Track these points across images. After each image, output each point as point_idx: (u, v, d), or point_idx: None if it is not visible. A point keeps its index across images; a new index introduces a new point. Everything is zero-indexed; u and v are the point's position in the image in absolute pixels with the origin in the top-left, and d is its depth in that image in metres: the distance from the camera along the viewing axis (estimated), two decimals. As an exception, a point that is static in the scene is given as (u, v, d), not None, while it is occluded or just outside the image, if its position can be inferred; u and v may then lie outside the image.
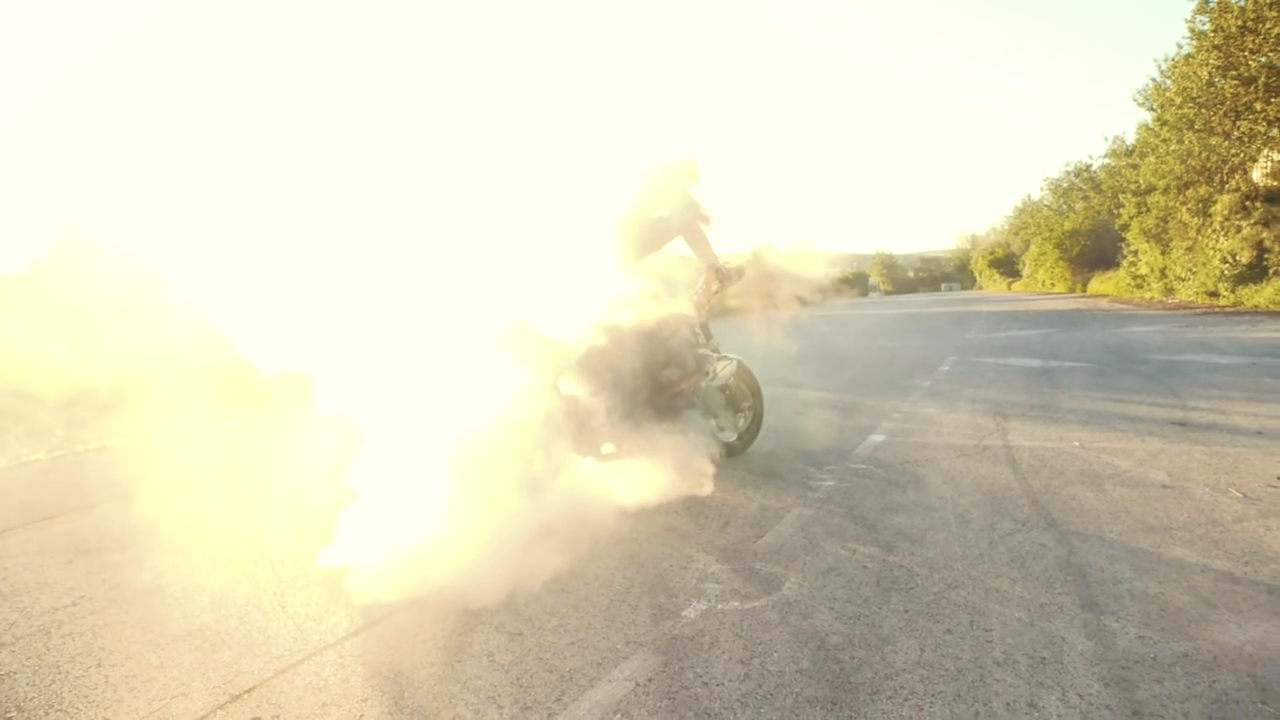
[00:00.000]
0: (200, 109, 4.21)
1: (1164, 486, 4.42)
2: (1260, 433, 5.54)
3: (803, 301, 6.26)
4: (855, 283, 74.43)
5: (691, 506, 4.67)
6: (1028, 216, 54.59)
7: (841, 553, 3.78)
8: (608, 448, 4.94)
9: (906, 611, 3.10)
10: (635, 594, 3.48)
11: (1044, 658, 2.67)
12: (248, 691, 2.79)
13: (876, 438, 6.20)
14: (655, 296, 5.28)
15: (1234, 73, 20.50)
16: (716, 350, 5.55)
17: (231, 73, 4.28)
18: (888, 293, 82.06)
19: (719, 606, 3.28)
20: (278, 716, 2.62)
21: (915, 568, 3.52)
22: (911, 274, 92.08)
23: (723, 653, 2.88)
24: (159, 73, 4.17)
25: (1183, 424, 6.00)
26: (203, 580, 3.99)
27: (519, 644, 3.06)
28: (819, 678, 2.67)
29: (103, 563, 4.35)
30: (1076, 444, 5.56)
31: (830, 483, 4.99)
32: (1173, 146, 24.45)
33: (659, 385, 5.22)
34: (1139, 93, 28.33)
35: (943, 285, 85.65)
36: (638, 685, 2.69)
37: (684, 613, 3.25)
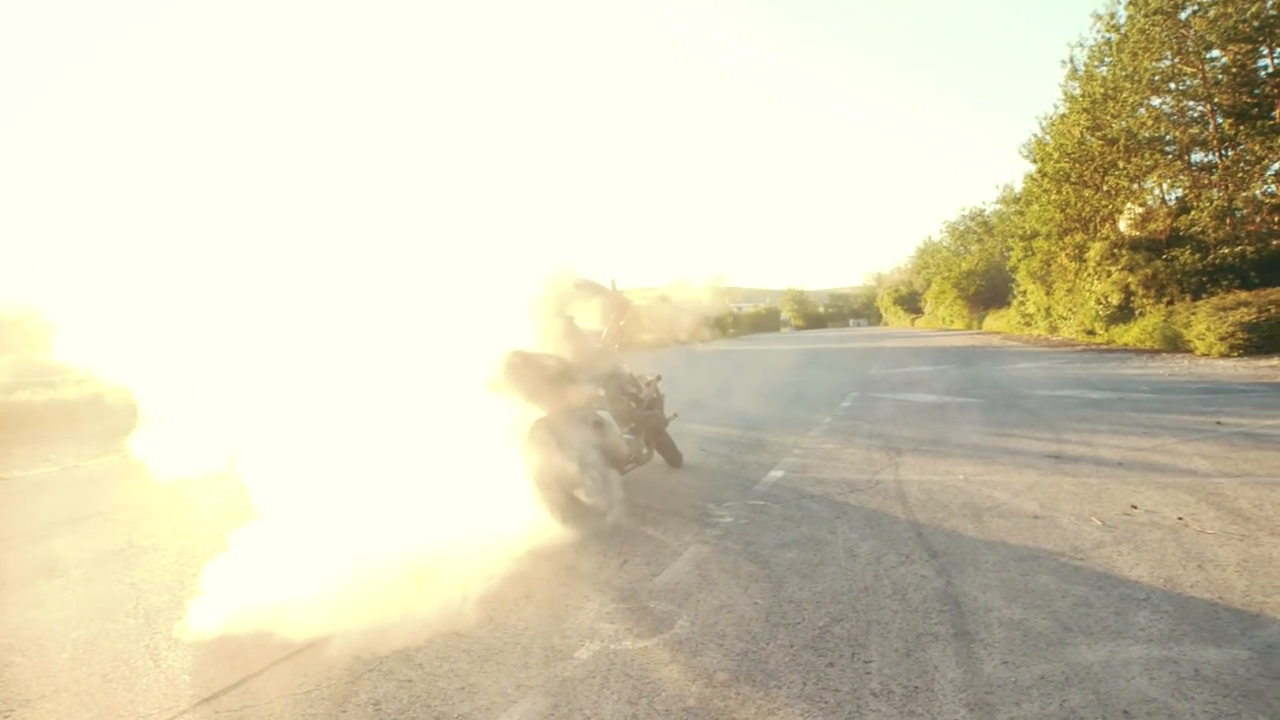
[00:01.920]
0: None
1: (1035, 517, 4.71)
2: (1121, 464, 6.00)
3: (706, 338, 6.57)
4: (768, 318, 76.64)
5: (592, 543, 4.67)
6: (929, 257, 57.95)
7: (734, 589, 3.84)
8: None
9: (792, 646, 3.17)
10: (529, 636, 3.44)
11: (917, 686, 2.78)
12: None
13: (776, 473, 6.37)
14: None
15: (1100, 133, 22.59)
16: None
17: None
18: (799, 328, 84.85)
19: (611, 647, 3.29)
20: (126, 789, 2.45)
21: (804, 602, 3.61)
22: (822, 310, 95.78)
23: (612, 694, 2.88)
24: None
25: (1056, 457, 6.43)
26: (65, 635, 3.72)
27: (407, 691, 2.99)
28: (704, 715, 2.69)
29: None
30: (962, 478, 5.87)
31: (728, 519, 5.08)
32: (1053, 196, 26.59)
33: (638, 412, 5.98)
34: (1023, 146, 30.75)
35: (851, 321, 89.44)
36: (523, 731, 2.65)
37: (576, 654, 3.24)
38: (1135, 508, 4.77)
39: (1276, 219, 20.44)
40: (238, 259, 4.42)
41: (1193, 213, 21.24)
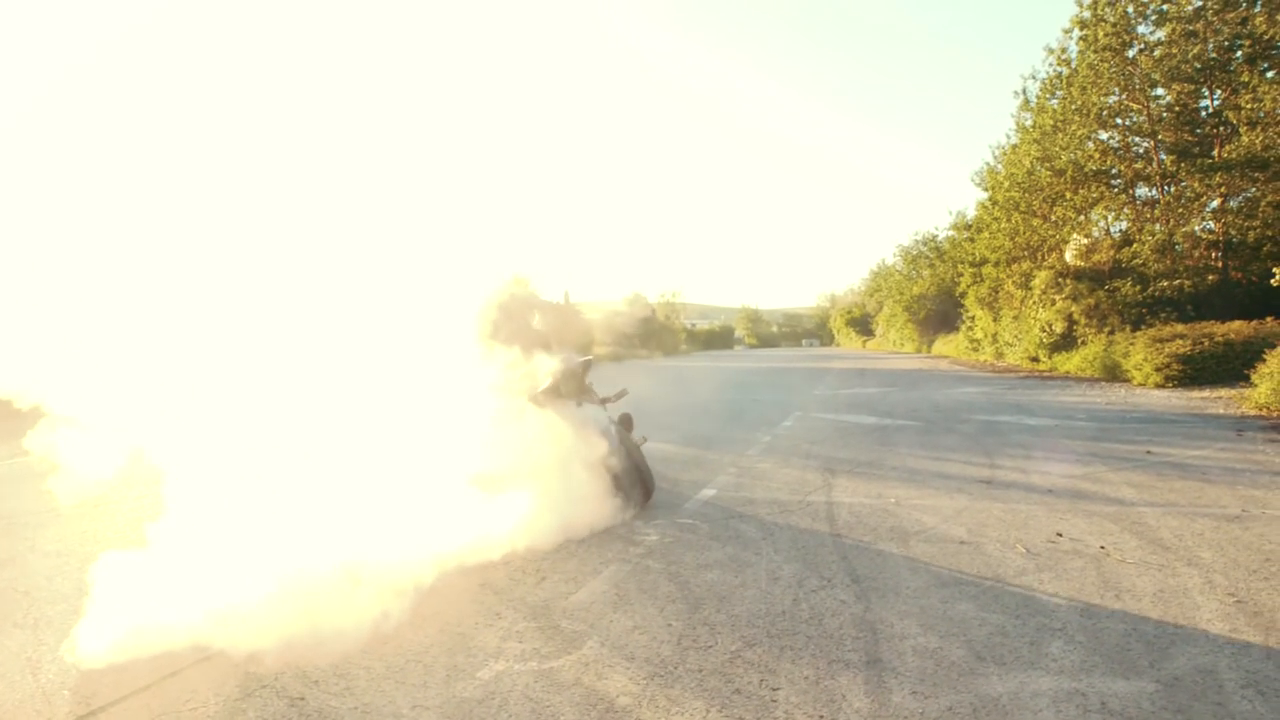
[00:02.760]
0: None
1: (962, 543, 4.66)
2: (1051, 491, 6.02)
3: (646, 355, 6.53)
4: (722, 335, 77.15)
5: (512, 560, 4.48)
6: (881, 279, 59.09)
7: (650, 610, 3.69)
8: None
9: (701, 671, 3.03)
10: (433, 654, 3.26)
11: (822, 716, 2.65)
12: None
13: (708, 492, 6.25)
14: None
15: (1049, 164, 23.28)
16: None
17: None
18: (752, 346, 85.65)
19: (516, 666, 3.12)
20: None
21: (719, 625, 3.47)
22: (775, 329, 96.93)
23: (509, 716, 2.72)
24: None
25: (988, 482, 6.44)
26: None
27: (297, 710, 2.81)
28: (594, 750, 2.52)
29: None
30: (893, 501, 5.82)
31: (654, 537, 4.92)
32: (1002, 224, 27.30)
33: None
34: (976, 174, 31.59)
35: (804, 341, 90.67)
36: (409, 760, 2.48)
37: (479, 674, 3.07)
38: (1060, 535, 4.75)
39: (1213, 254, 21.29)
40: (173, 255, 4.21)
41: (1135, 245, 21.98)
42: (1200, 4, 19.33)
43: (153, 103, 4.28)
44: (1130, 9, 20.54)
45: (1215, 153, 20.49)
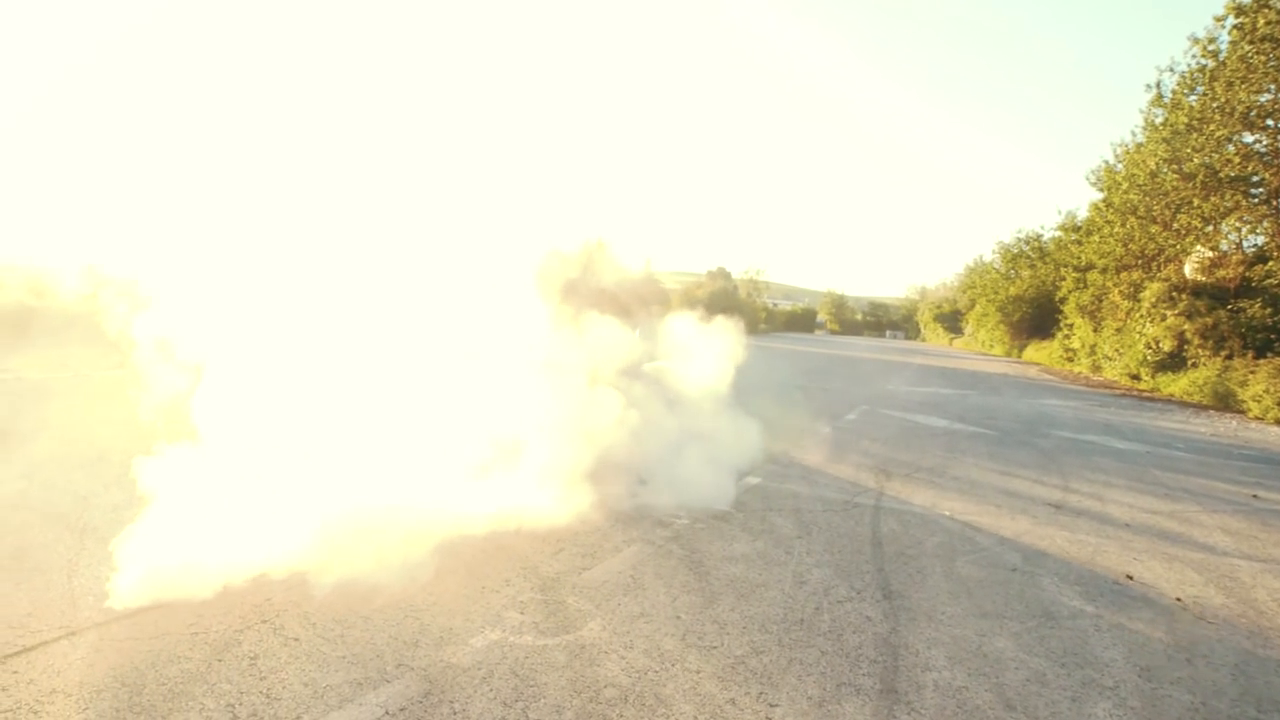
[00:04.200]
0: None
1: (1014, 570, 4.27)
2: (1128, 525, 5.49)
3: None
4: (803, 318, 75.40)
5: (538, 527, 4.37)
6: (976, 276, 56.11)
7: (661, 598, 3.51)
8: None
9: (699, 673, 2.84)
10: (432, 613, 3.20)
11: (819, 749, 2.42)
12: None
13: (752, 480, 5.98)
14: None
15: (1177, 167, 21.29)
16: None
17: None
18: (833, 332, 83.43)
19: (511, 639, 3.02)
20: (-8, 703, 2.36)
21: (729, 625, 3.26)
22: (859, 317, 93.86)
23: (490, 690, 2.63)
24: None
25: (1058, 506, 5.93)
26: (6, 536, 3.70)
27: (288, 650, 2.80)
28: (568, 742, 2.38)
29: None
30: (947, 513, 5.42)
31: (683, 521, 4.73)
32: (1116, 229, 25.30)
33: None
34: (1092, 172, 29.33)
35: (887, 332, 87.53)
36: (386, 714, 2.44)
37: (472, 640, 2.99)
38: (1130, 578, 4.29)
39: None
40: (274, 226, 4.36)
41: (1270, 263, 19.89)
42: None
43: (240, 85, 4.33)
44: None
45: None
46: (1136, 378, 22.96)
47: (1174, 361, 21.07)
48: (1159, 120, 22.96)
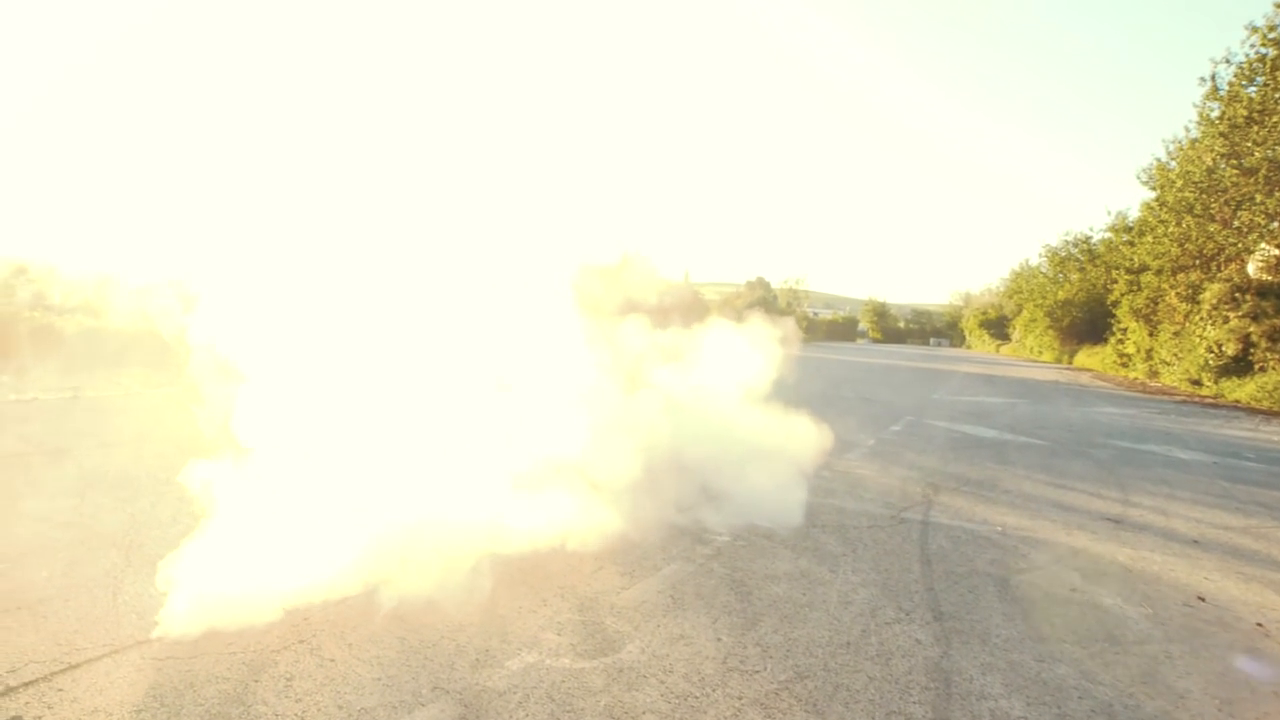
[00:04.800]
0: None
1: (1074, 590, 4.06)
2: (1196, 542, 5.20)
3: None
4: (845, 326, 74.38)
5: (573, 545, 4.30)
6: (1023, 281, 54.69)
7: (701, 619, 3.42)
8: None
9: (740, 699, 2.74)
10: (468, 634, 3.16)
11: (869, 785, 2.30)
12: (26, 685, 2.56)
13: (793, 495, 5.82)
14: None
15: (1236, 162, 20.43)
16: None
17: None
18: (876, 340, 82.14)
19: (547, 661, 2.96)
20: (40, 718, 2.39)
21: (773, 648, 3.15)
22: (902, 324, 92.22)
23: (527, 715, 2.57)
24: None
25: (1117, 521, 5.65)
26: (58, 553, 3.76)
27: (324, 672, 2.78)
28: (604, 775, 2.30)
29: None
30: (999, 529, 5.21)
31: (724, 538, 4.62)
32: (1171, 228, 24.36)
33: None
34: (1143, 170, 28.34)
35: (931, 339, 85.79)
36: (416, 741, 2.39)
37: (509, 663, 2.93)
38: (1203, 600, 4.05)
39: None
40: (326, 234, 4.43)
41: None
42: None
43: (281, 84, 4.39)
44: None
45: None
46: (1197, 383, 22.02)
47: (1238, 366, 20.14)
48: (1215, 114, 22.08)
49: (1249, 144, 19.80)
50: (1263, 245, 21.81)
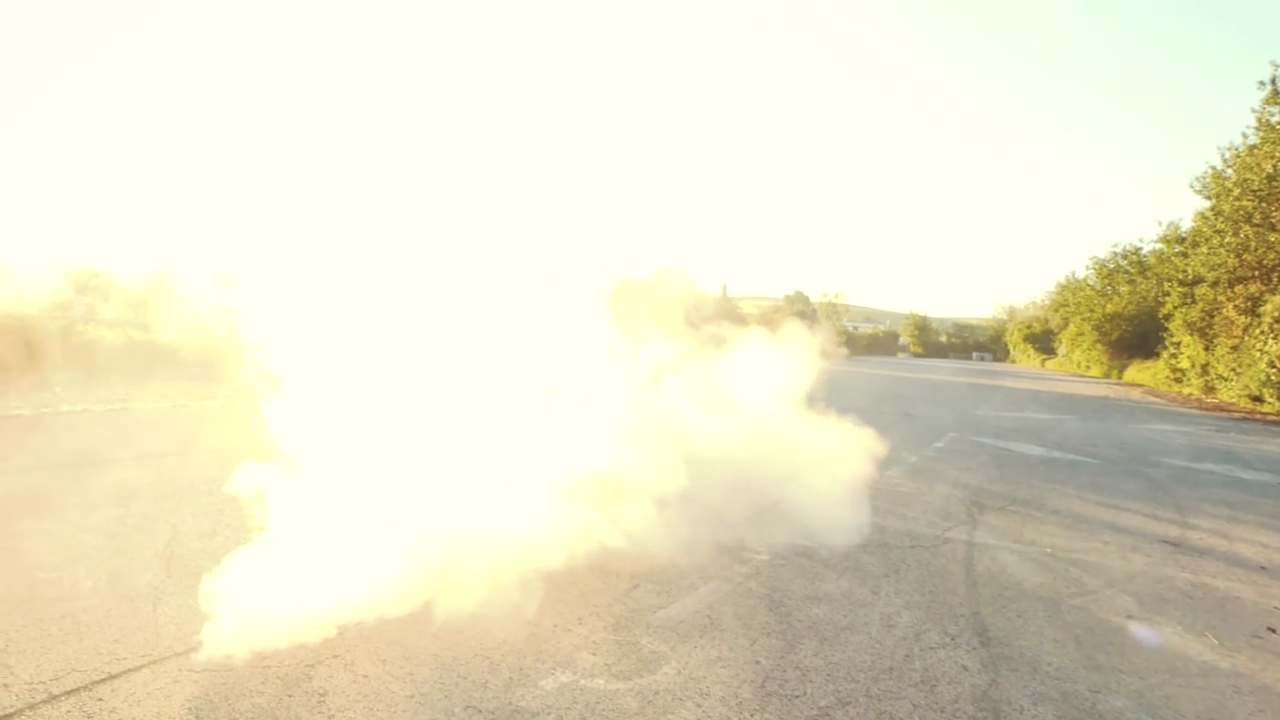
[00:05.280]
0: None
1: (1130, 617, 3.89)
2: (1264, 568, 4.95)
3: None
4: (885, 340, 73.28)
5: (610, 561, 4.27)
6: (1069, 294, 53.23)
7: (740, 641, 3.35)
8: None
9: (780, 726, 2.67)
10: (502, 652, 3.14)
11: (916, 819, 2.21)
12: (68, 693, 2.61)
13: (836, 513, 5.71)
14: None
15: (1298, 171, 19.66)
16: None
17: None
18: (917, 354, 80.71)
19: (582, 682, 2.93)
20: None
21: (812, 672, 3.07)
22: (944, 338, 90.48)
23: None
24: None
25: (1176, 544, 5.42)
26: (101, 563, 3.85)
27: (357, 688, 2.79)
28: (639, 802, 2.26)
29: (14, 530, 4.27)
30: (1048, 551, 5.03)
31: (763, 557, 4.55)
32: (1227, 238, 23.50)
33: None
34: (1197, 179, 27.38)
35: (974, 354, 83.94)
36: (448, 763, 2.38)
37: (542, 683, 2.91)
38: (1273, 631, 3.84)
39: None
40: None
41: None
42: None
43: (318, 89, 4.48)
44: None
45: None
46: (1258, 399, 21.10)
47: (1302, 381, 19.27)
48: (1276, 119, 21.31)
49: (1311, 151, 19.06)
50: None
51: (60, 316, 11.84)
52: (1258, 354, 21.10)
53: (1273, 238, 21.77)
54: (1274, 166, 20.70)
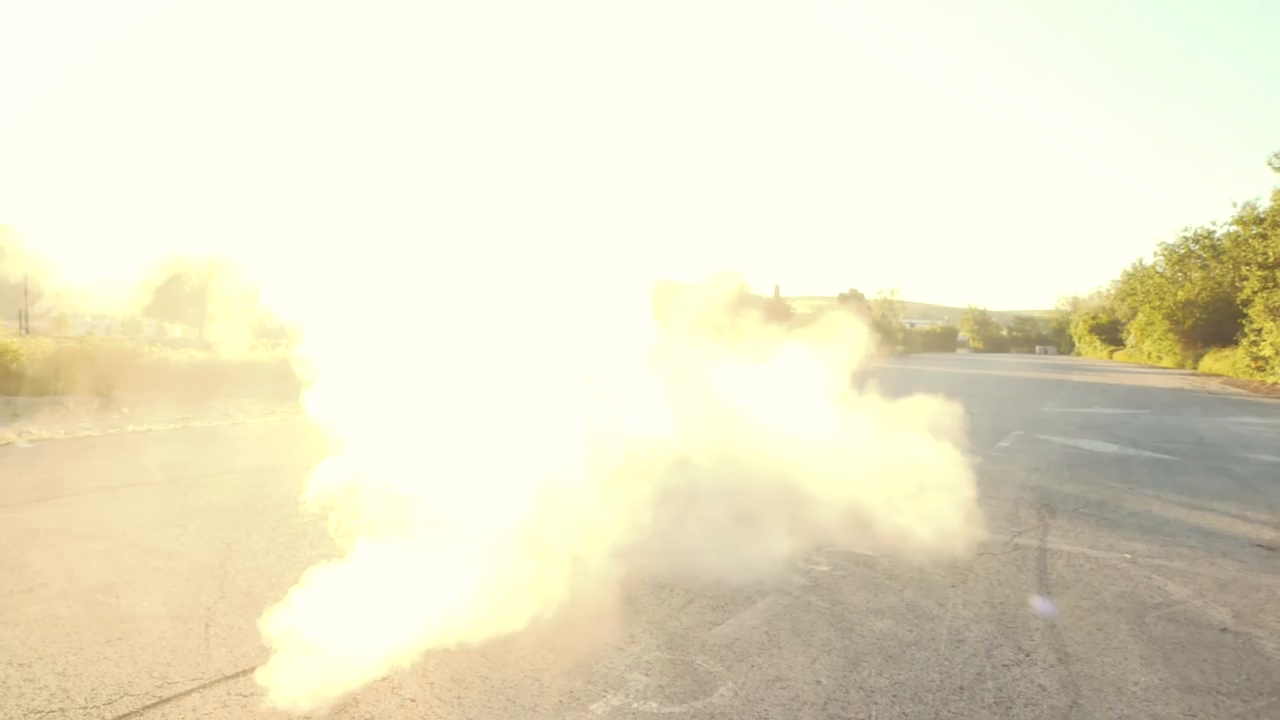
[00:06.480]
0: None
1: (1224, 630, 3.60)
2: (1368, 569, 4.55)
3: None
4: (944, 337, 71.43)
5: (663, 575, 4.17)
6: (1137, 282, 50.94)
7: (800, 659, 3.21)
8: None
9: (845, 753, 2.52)
10: (552, 673, 3.06)
11: None
12: (120, 718, 2.63)
13: (898, 520, 5.49)
14: None
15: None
16: None
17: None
18: (977, 350, 78.44)
19: (634, 705, 2.84)
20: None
21: (877, 692, 2.91)
22: (1005, 333, 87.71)
23: None
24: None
25: (1271, 548, 5.04)
26: (157, 584, 3.91)
27: (404, 712, 2.75)
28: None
29: (78, 550, 4.39)
30: (1128, 556, 4.72)
31: (823, 567, 4.38)
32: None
33: None
34: (1275, 155, 25.87)
35: (1037, 348, 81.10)
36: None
37: (593, 706, 2.82)
38: (1385, 641, 3.51)
39: None
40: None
41: None
42: None
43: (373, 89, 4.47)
44: None
45: None
46: (1351, 388, 19.77)
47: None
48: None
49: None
50: None
51: (130, 338, 12.39)
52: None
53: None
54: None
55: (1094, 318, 68.42)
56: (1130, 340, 54.05)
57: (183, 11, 4.30)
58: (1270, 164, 26.11)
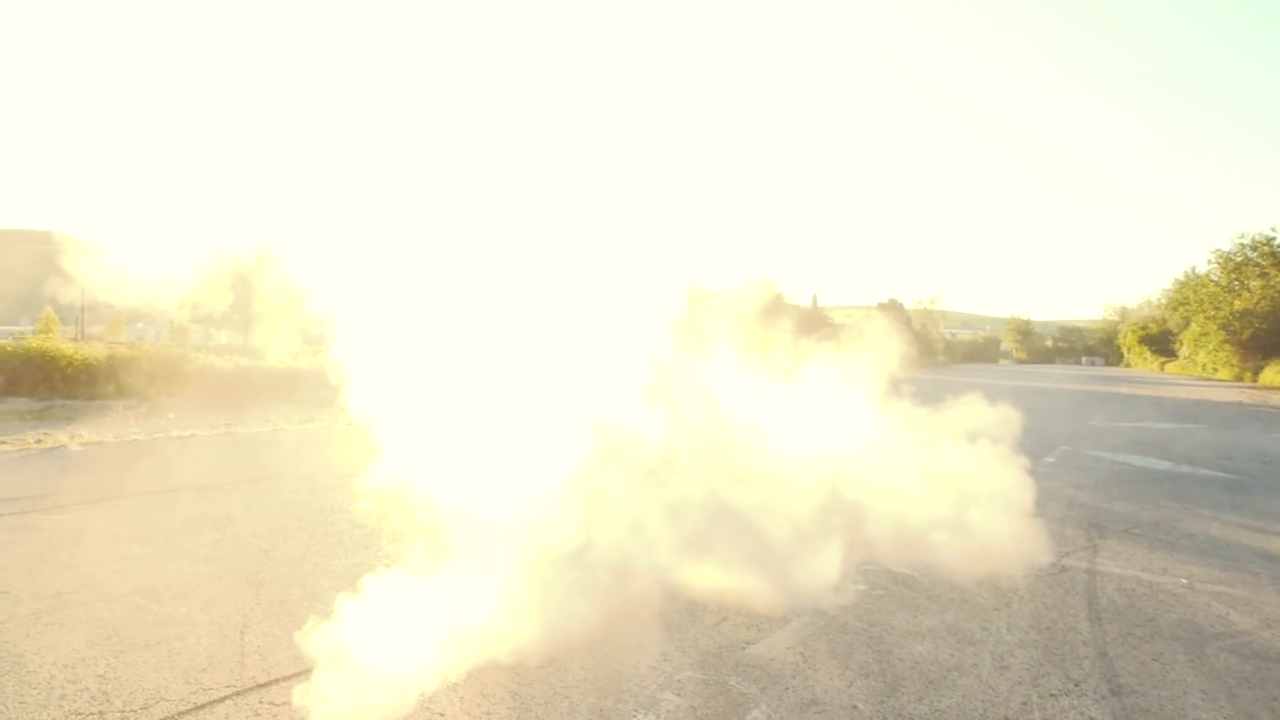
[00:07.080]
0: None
1: (1291, 661, 3.40)
2: None
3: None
4: (985, 347, 69.91)
5: (696, 592, 4.09)
6: (1190, 291, 49.23)
7: (836, 681, 3.11)
8: None
9: (883, 785, 2.42)
10: (582, 691, 3.02)
11: None
12: None
13: (938, 537, 5.33)
14: None
15: None
16: None
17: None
18: (1020, 361, 76.56)
19: None
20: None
21: (917, 719, 2.80)
22: (1050, 343, 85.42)
23: None
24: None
25: (1340, 572, 4.76)
26: (197, 588, 3.97)
27: None
28: None
29: (122, 553, 4.48)
30: (1184, 581, 4.51)
31: (862, 586, 4.27)
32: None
33: None
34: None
35: (1084, 359, 78.76)
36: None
37: None
38: None
39: None
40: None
41: None
42: None
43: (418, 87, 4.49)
44: None
45: None
46: None
47: None
48: None
49: None
50: None
51: (177, 344, 12.76)
52: None
53: None
54: None
55: (1143, 328, 66.28)
56: (1183, 351, 52.21)
57: (222, 25, 4.38)
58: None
